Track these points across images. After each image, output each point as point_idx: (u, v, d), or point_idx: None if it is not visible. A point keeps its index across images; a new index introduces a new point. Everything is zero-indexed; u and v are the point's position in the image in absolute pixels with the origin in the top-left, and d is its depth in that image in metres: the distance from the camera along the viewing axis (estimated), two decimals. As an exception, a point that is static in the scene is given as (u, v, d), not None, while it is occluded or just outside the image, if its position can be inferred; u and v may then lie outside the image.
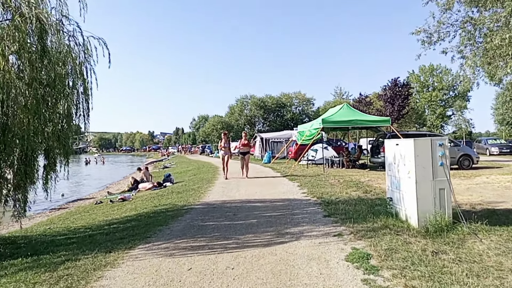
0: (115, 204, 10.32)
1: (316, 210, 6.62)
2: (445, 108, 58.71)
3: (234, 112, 55.60)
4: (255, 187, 10.67)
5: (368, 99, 33.87)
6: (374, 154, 16.81)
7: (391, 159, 6.10)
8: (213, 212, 6.91)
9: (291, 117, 55.17)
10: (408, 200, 5.42)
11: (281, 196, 8.66)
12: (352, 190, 9.11)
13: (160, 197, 10.06)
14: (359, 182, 10.73)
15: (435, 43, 12.89)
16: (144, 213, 7.49)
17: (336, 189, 9.25)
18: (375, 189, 9.20)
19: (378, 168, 16.22)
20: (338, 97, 54.90)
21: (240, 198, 8.64)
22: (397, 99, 29.19)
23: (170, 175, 14.43)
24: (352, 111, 16.60)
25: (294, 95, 58.15)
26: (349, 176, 12.89)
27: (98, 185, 21.58)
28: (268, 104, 55.15)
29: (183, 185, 12.45)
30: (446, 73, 60.60)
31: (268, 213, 6.64)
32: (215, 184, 11.73)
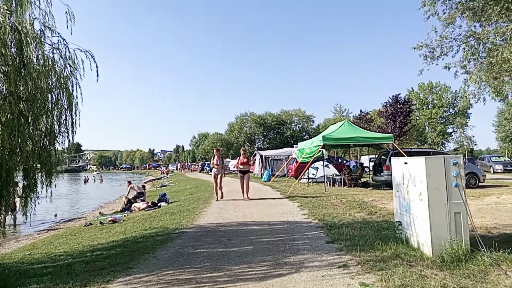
0: (104, 226, 9.74)
1: (318, 235, 6.07)
2: (446, 125, 58.51)
3: (234, 129, 55.21)
4: (253, 207, 10.12)
5: (368, 116, 33.49)
6: (376, 172, 16.28)
7: (399, 179, 5.60)
8: (206, 237, 6.36)
9: (291, 135, 54.78)
10: (420, 225, 4.89)
11: (281, 217, 8.11)
12: (356, 211, 8.57)
13: (153, 218, 9.50)
14: (363, 202, 10.18)
15: (438, 58, 12.55)
16: (132, 238, 6.93)
17: (339, 210, 8.70)
18: (380, 210, 8.65)
19: (381, 186, 15.68)
20: (338, 114, 54.72)
21: (236, 220, 8.08)
22: (398, 116, 28.79)
23: (165, 195, 13.88)
24: (353, 128, 16.17)
25: (294, 112, 57.95)
26: (351, 195, 12.34)
27: (93, 205, 20.96)
28: (268, 122, 54.86)
29: (178, 205, 11.90)
30: (446, 91, 60.70)
31: (265, 238, 6.09)
32: (211, 205, 11.18)
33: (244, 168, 12.28)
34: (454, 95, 60.39)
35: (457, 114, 59.10)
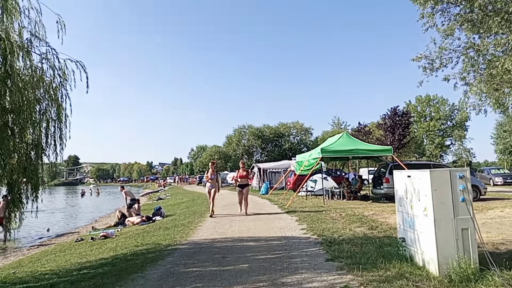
0: (95, 242, 9.40)
1: (317, 252, 5.77)
2: (444, 138, 58.50)
3: (232, 142, 54.93)
4: (250, 222, 9.81)
5: (367, 129, 33.31)
6: (376, 185, 16.01)
7: (402, 192, 5.33)
8: (199, 254, 6.05)
9: (289, 147, 54.53)
10: (425, 242, 4.62)
11: (278, 233, 7.81)
12: (356, 226, 8.27)
13: (146, 233, 9.17)
14: (363, 216, 9.88)
15: (437, 70, 12.42)
16: (122, 255, 6.61)
17: (339, 225, 8.40)
18: (381, 224, 8.36)
19: (381, 199, 15.40)
20: (336, 127, 54.59)
21: (232, 235, 7.77)
22: (397, 128, 28.58)
23: (160, 208, 13.55)
24: (352, 140, 15.97)
25: (292, 125, 57.82)
26: (351, 209, 12.04)
27: (88, 218, 20.53)
28: (266, 134, 54.65)
29: (173, 220, 11.57)
30: (443, 103, 60.89)
31: (262, 255, 5.78)
32: (207, 219, 10.86)
33: (243, 182, 11.57)
34: (451, 107, 60.61)
35: (454, 127, 59.22)
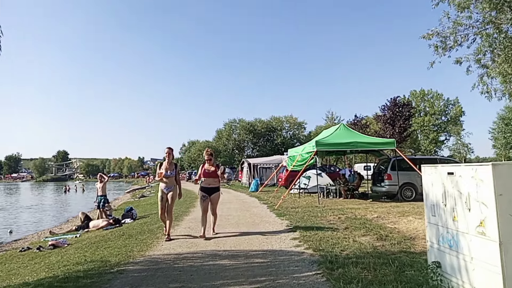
0: (41, 252, 7.68)
1: (315, 279, 4.13)
2: (438, 133, 57.46)
3: (222, 136, 53.09)
4: (232, 227, 8.17)
5: (364, 122, 31.63)
6: (376, 181, 14.48)
7: (436, 197, 3.72)
8: (151, 280, 4.38)
9: (282, 142, 52.89)
10: (481, 273, 3.02)
11: (264, 244, 6.17)
12: (361, 234, 6.67)
13: (103, 243, 7.47)
14: (366, 220, 8.29)
15: (451, 50, 10.84)
16: (51, 278, 4.90)
17: (339, 233, 6.79)
18: (391, 232, 6.77)
19: (382, 198, 13.87)
20: (330, 121, 53.11)
21: (204, 247, 6.12)
22: (397, 120, 26.90)
23: (131, 209, 11.83)
24: (350, 132, 14.40)
25: (285, 119, 56.14)
26: (350, 210, 10.46)
27: (59, 219, 18.72)
28: (257, 128, 52.90)
29: (142, 224, 9.86)
30: (438, 98, 59.85)
31: (237, 282, 4.14)
32: (182, 222, 9.20)
33: (210, 183, 7.20)
34: (446, 102, 59.65)
35: (449, 122, 58.28)
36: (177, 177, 7.38)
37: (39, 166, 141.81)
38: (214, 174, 7.14)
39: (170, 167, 7.22)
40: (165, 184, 7.21)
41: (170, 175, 7.18)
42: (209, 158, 7.24)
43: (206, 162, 7.28)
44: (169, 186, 7.21)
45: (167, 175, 7.17)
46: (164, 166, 7.21)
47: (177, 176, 7.38)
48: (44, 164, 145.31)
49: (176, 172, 7.32)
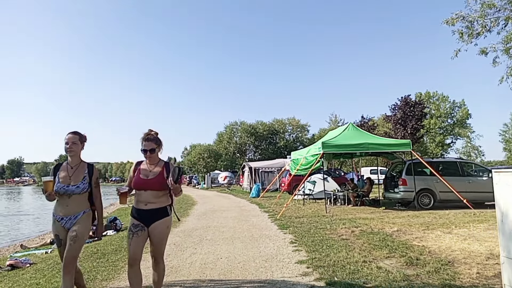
0: (-6, 275, 6.38)
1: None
2: (445, 136, 56.03)
3: (223, 139, 51.72)
4: (225, 242, 6.86)
5: (371, 123, 30.06)
6: (389, 187, 13.11)
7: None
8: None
9: (284, 145, 51.46)
10: None
11: (261, 271, 4.84)
12: (383, 256, 5.33)
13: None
14: (386, 235, 6.94)
15: (477, 36, 9.52)
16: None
17: (356, 254, 5.45)
18: (421, 253, 5.43)
19: (396, 205, 12.52)
20: (334, 124, 51.69)
21: (186, 276, 4.80)
22: (409, 120, 25.32)
23: (116, 219, 10.53)
24: (360, 133, 13.06)
25: (288, 121, 54.67)
26: (363, 220, 9.11)
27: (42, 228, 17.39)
28: (259, 131, 51.53)
29: (123, 237, 8.52)
30: (444, 100, 58.46)
31: None
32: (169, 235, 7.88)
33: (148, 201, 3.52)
34: (452, 105, 58.24)
35: (455, 124, 56.88)
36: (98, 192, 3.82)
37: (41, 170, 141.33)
38: (157, 182, 3.49)
39: (76, 173, 3.62)
40: (64, 209, 3.55)
41: (73, 189, 3.54)
42: (150, 149, 3.56)
43: (147, 160, 3.63)
44: (72, 212, 3.54)
45: (64, 191, 3.53)
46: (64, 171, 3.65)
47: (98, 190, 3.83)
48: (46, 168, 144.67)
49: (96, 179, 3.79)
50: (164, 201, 3.57)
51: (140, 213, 3.51)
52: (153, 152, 3.57)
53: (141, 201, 3.51)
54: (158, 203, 3.52)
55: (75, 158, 3.69)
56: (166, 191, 3.57)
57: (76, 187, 3.55)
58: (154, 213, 3.50)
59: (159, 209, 3.52)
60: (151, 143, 3.57)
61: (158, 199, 3.52)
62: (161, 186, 3.49)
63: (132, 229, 3.49)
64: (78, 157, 3.73)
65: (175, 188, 3.42)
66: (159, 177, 3.52)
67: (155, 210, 3.50)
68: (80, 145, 3.73)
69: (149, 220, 3.49)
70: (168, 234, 3.73)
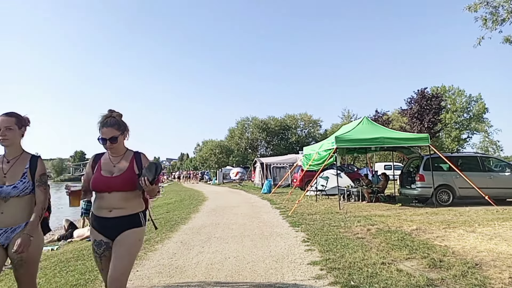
0: None
1: None
2: (461, 130, 54.73)
3: (234, 135, 51.50)
4: (234, 240, 6.56)
5: (386, 117, 29.27)
6: (406, 183, 12.63)
7: None
8: None
9: (296, 140, 50.96)
10: None
11: (271, 273, 4.52)
12: (404, 257, 4.95)
13: (72, 262, 5.98)
14: (404, 234, 6.54)
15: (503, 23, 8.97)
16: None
17: (373, 255, 5.08)
18: (445, 254, 5.02)
19: (413, 202, 12.04)
20: (346, 119, 50.91)
21: (190, 278, 4.50)
22: (426, 114, 24.52)
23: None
24: (375, 127, 12.59)
25: (300, 117, 54.11)
26: (379, 218, 8.70)
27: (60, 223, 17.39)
28: (271, 127, 51.14)
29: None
30: (460, 95, 57.05)
31: None
32: (176, 233, 7.64)
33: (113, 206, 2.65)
34: (468, 99, 56.80)
35: (471, 119, 55.49)
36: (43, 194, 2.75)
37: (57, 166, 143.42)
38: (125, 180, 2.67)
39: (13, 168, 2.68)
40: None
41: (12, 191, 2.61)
42: (111, 137, 2.69)
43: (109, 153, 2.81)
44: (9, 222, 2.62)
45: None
46: None
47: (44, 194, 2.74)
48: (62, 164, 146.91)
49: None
50: (135, 205, 2.72)
51: (102, 223, 2.65)
52: (114, 141, 2.68)
53: (104, 207, 2.65)
54: (127, 209, 2.66)
55: (12, 149, 2.73)
56: (138, 192, 2.74)
57: (13, 188, 2.60)
58: (122, 222, 2.63)
59: (128, 217, 2.66)
60: (112, 129, 2.68)
61: (127, 203, 2.66)
62: (131, 186, 2.64)
63: (96, 250, 2.66)
64: (17, 147, 2.76)
65: (150, 190, 2.59)
66: (127, 174, 2.68)
67: (123, 218, 2.64)
68: (19, 131, 2.73)
69: (114, 232, 2.63)
70: (138, 250, 2.72)
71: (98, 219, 2.67)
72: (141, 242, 2.76)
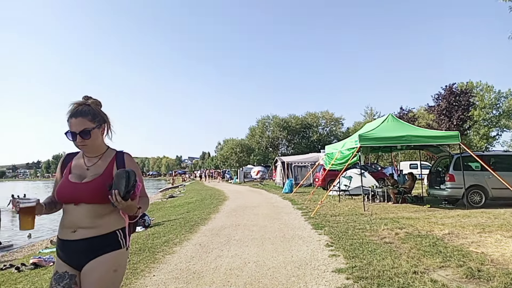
0: (18, 274, 6.22)
1: None
2: (490, 128, 52.54)
3: (255, 134, 51.29)
4: (254, 243, 6.31)
5: (411, 114, 28.24)
6: (434, 183, 12.06)
7: None
8: None
9: (318, 139, 50.25)
10: None
11: (293, 281, 4.25)
12: (437, 265, 4.57)
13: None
14: (436, 239, 6.11)
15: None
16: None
17: (402, 261, 4.72)
18: (482, 262, 4.61)
19: (442, 203, 11.46)
20: (369, 117, 49.76)
21: (208, 284, 4.28)
22: (455, 110, 23.56)
23: (144, 215, 10.24)
24: (401, 124, 12.06)
25: (321, 115, 53.33)
26: (407, 220, 8.26)
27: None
28: (292, 125, 50.64)
29: (150, 235, 8.19)
30: (488, 91, 54.78)
31: None
32: (195, 234, 7.46)
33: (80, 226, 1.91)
34: (497, 95, 54.46)
35: (501, 116, 53.18)
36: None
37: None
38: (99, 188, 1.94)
39: None
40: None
41: None
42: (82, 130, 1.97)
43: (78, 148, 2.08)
44: None
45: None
46: None
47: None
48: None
49: None
50: (111, 222, 1.97)
51: (66, 247, 1.94)
52: (86, 135, 1.96)
53: (67, 225, 1.94)
54: (98, 228, 1.92)
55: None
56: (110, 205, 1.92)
57: None
58: (92, 245, 1.90)
59: (100, 238, 1.91)
60: (83, 120, 1.97)
61: (98, 219, 1.92)
62: (103, 196, 1.90)
63: (54, 285, 1.90)
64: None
65: (125, 208, 1.87)
66: (101, 180, 1.96)
67: (93, 240, 1.90)
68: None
69: (81, 259, 1.90)
70: (117, 285, 1.94)
71: (62, 243, 1.96)
72: (120, 272, 1.97)
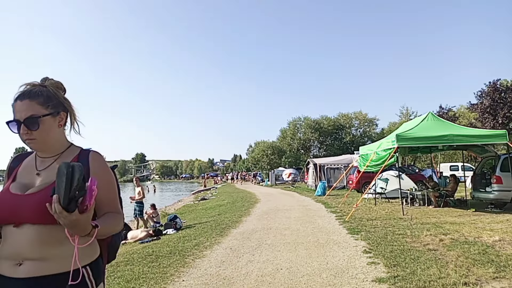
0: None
1: None
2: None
3: (286, 136, 50.85)
4: (287, 248, 6.06)
5: (451, 113, 26.75)
6: (479, 186, 11.26)
7: None
8: None
9: (351, 140, 49.05)
10: None
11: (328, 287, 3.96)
12: (489, 275, 4.13)
13: (122, 267, 5.83)
14: (485, 245, 5.60)
15: None
16: None
17: (450, 271, 4.31)
18: (544, 274, 4.10)
19: (488, 207, 10.67)
20: (405, 117, 47.94)
21: (240, 290, 4.08)
22: (500, 108, 22.07)
23: (176, 218, 10.25)
24: (442, 123, 11.38)
25: (354, 116, 52.05)
26: (451, 225, 7.69)
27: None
28: (324, 126, 49.75)
29: (181, 237, 8.12)
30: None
31: None
32: (226, 238, 7.31)
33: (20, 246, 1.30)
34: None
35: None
36: None
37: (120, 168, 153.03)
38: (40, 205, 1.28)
39: None
40: None
41: None
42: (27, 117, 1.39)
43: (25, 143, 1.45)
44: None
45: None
46: None
47: None
48: (124, 166, 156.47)
49: None
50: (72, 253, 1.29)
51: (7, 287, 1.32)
52: (34, 125, 1.41)
53: (5, 255, 1.34)
54: (51, 261, 1.32)
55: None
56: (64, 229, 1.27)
57: None
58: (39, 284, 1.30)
59: (55, 278, 1.31)
60: (32, 103, 1.42)
61: (50, 248, 1.33)
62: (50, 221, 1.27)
63: None
64: None
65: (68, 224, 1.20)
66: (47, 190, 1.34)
67: (44, 281, 1.30)
68: None
69: None
70: None
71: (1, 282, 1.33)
72: None
